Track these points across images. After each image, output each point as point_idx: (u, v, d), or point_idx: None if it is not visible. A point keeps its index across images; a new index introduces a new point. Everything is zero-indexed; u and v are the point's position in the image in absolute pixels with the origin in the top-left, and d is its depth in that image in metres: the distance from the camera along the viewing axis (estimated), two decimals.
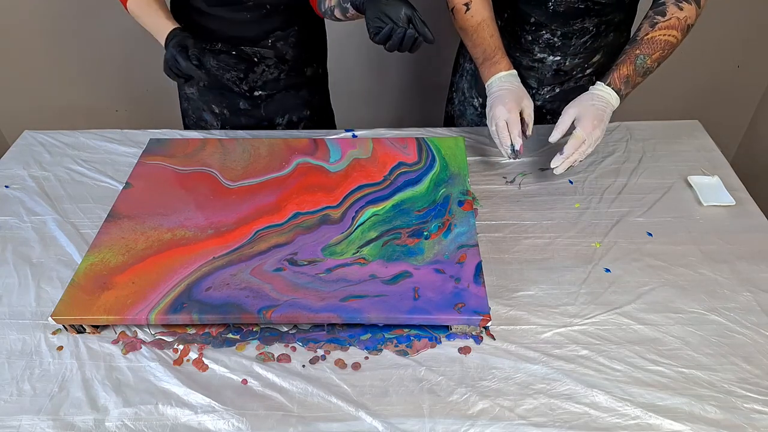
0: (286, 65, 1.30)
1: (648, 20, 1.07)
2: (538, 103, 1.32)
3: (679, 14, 1.05)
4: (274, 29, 1.24)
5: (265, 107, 1.36)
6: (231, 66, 1.27)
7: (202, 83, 1.33)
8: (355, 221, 1.01)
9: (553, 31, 1.19)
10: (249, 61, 1.27)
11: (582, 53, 1.22)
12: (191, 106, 1.39)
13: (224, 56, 1.26)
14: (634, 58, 1.05)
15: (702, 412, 0.77)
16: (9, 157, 1.25)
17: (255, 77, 1.30)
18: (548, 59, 1.24)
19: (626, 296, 0.92)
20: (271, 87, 1.33)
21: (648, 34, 1.05)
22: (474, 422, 0.76)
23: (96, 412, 0.79)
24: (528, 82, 1.29)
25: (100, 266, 0.93)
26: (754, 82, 2.05)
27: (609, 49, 1.24)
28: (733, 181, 1.13)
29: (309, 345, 0.87)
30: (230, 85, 1.31)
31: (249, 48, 1.25)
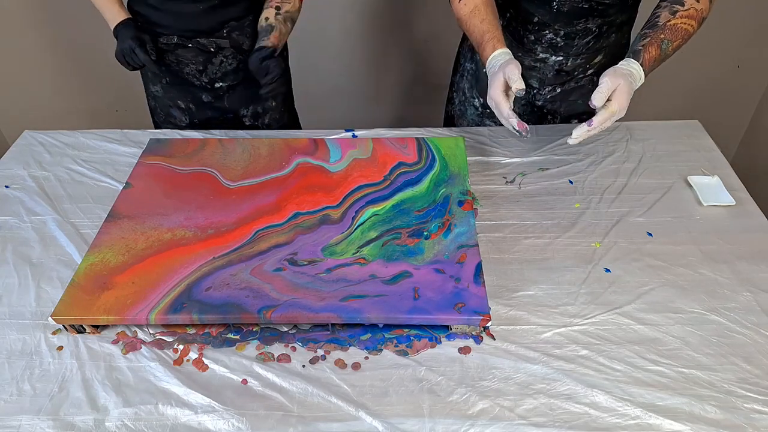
0: (243, 55, 1.32)
1: (667, 8, 1.06)
2: (539, 103, 1.32)
3: (697, 6, 1.06)
4: (229, 19, 1.26)
5: (228, 99, 1.38)
6: (189, 59, 1.29)
7: (165, 80, 1.34)
8: (355, 221, 1.01)
9: (556, 31, 1.19)
10: (206, 52, 1.28)
11: (584, 53, 1.22)
12: (158, 103, 1.40)
13: (181, 50, 1.28)
14: (660, 42, 1.04)
15: (702, 412, 0.77)
16: (9, 157, 1.25)
17: (214, 69, 1.31)
18: (550, 59, 1.24)
19: (626, 296, 0.92)
20: (231, 78, 1.34)
21: (669, 21, 1.05)
22: (474, 422, 0.76)
23: (96, 412, 0.79)
24: (529, 82, 1.28)
25: (100, 266, 0.93)
26: (754, 82, 2.05)
27: (611, 50, 1.24)
28: (733, 181, 1.13)
29: (309, 345, 0.87)
30: (191, 79, 1.33)
31: (205, 39, 1.27)
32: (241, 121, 1.42)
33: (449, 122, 1.47)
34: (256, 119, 1.43)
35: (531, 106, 1.34)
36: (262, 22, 1.23)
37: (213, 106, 1.38)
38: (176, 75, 1.33)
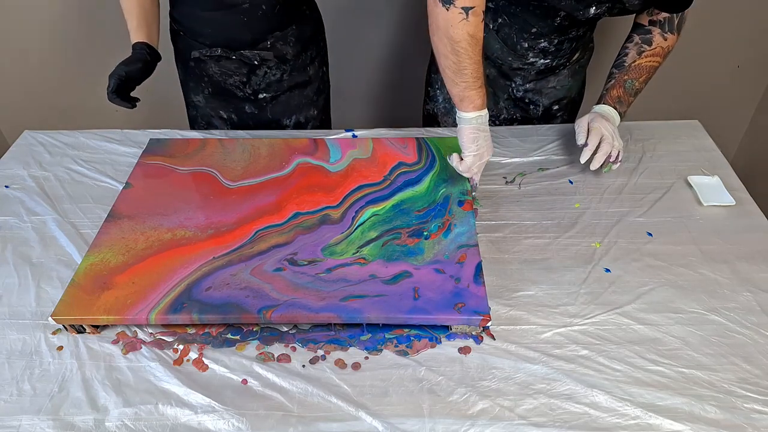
0: (287, 65, 1.30)
1: (635, 47, 1.14)
2: (519, 94, 1.33)
3: (663, 44, 1.13)
4: (272, 30, 1.24)
5: (271, 109, 1.36)
6: (233, 71, 1.27)
7: (207, 90, 1.33)
8: (355, 221, 1.01)
9: (551, 39, 1.20)
10: (250, 64, 1.27)
11: (567, 54, 1.25)
12: (199, 113, 1.38)
13: (225, 61, 1.26)
14: (622, 83, 1.14)
15: (702, 412, 0.77)
16: (9, 157, 1.25)
17: (258, 80, 1.30)
18: (539, 62, 1.25)
19: (626, 296, 0.92)
20: (275, 88, 1.33)
21: (635, 61, 1.14)
22: (474, 422, 0.76)
23: (96, 412, 0.79)
24: (513, 80, 1.31)
25: (100, 266, 0.93)
26: (754, 82, 2.05)
27: (587, 43, 1.30)
28: (733, 181, 1.13)
29: (309, 345, 0.87)
30: (234, 90, 1.31)
31: (249, 51, 1.25)
32: (283, 129, 1.40)
33: (431, 121, 1.46)
34: (298, 128, 1.41)
35: (512, 99, 1.35)
36: None
37: (255, 117, 1.37)
38: (218, 86, 1.31)
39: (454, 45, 0.93)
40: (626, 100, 1.14)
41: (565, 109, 1.38)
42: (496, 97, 1.34)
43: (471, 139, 1.00)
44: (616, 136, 1.10)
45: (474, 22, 0.91)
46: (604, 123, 1.10)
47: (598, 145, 1.09)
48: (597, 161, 1.08)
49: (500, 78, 1.31)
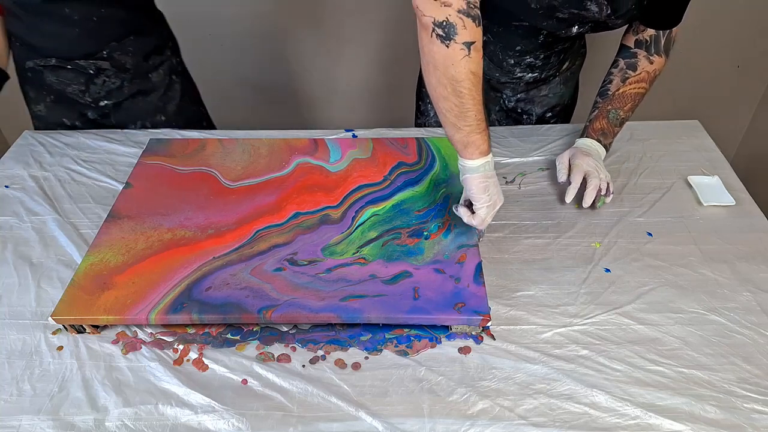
0: (128, 74, 1.29)
1: (619, 74, 1.11)
2: (510, 105, 1.33)
3: (649, 68, 1.09)
4: (108, 41, 1.22)
5: (115, 116, 1.34)
6: (70, 80, 1.25)
7: (49, 98, 1.30)
8: (355, 221, 1.01)
9: (537, 55, 1.21)
10: (86, 74, 1.25)
11: (556, 65, 1.25)
12: (42, 123, 1.36)
13: (61, 71, 1.24)
14: (606, 113, 1.11)
15: (702, 412, 0.77)
16: (9, 157, 1.25)
17: (96, 89, 1.28)
18: (527, 76, 1.26)
19: (626, 296, 0.92)
20: (116, 96, 1.30)
21: (619, 89, 1.10)
22: (474, 422, 0.76)
23: (96, 412, 0.79)
24: (502, 92, 1.31)
25: (100, 266, 0.93)
26: (754, 82, 2.05)
27: (576, 52, 1.28)
28: (733, 181, 1.13)
29: (309, 346, 0.87)
30: (75, 98, 1.29)
31: (84, 61, 1.23)
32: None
33: None
34: None
35: (504, 110, 1.35)
36: None
37: (100, 124, 1.34)
38: (59, 94, 1.29)
39: (455, 85, 0.83)
40: (611, 132, 1.11)
41: (559, 115, 1.37)
42: (487, 109, 1.33)
43: (481, 189, 0.89)
44: (602, 169, 1.07)
45: (476, 58, 0.83)
46: (586, 159, 1.06)
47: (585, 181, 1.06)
48: (589, 197, 1.04)
49: (490, 91, 1.31)
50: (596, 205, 1.06)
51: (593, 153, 1.09)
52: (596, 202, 1.06)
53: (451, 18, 0.79)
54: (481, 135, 0.88)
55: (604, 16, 1.05)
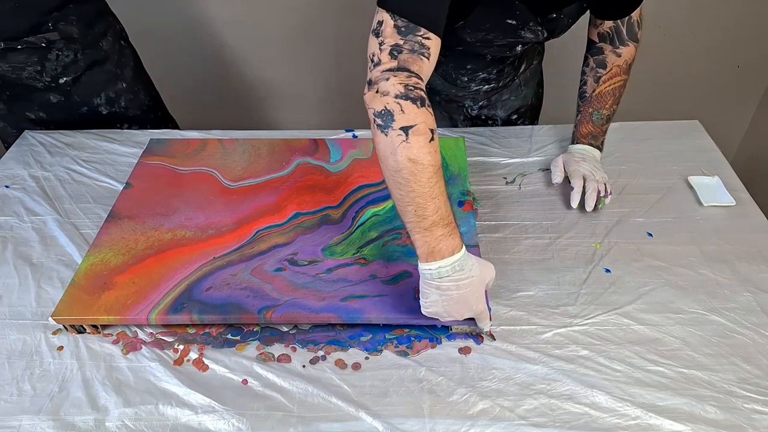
0: (77, 44, 1.27)
1: (591, 74, 1.10)
2: (474, 113, 1.33)
3: (619, 61, 1.08)
4: (50, 11, 1.21)
5: (77, 92, 1.32)
6: (23, 62, 1.23)
7: (5, 94, 1.28)
8: (356, 221, 1.01)
9: (489, 71, 1.21)
10: (38, 49, 1.23)
11: (512, 73, 1.25)
12: (7, 122, 1.34)
13: (11, 54, 1.22)
14: (589, 116, 1.11)
15: (702, 412, 0.77)
16: (9, 157, 1.25)
17: (52, 65, 1.25)
18: (483, 88, 1.26)
19: (626, 296, 0.92)
20: (72, 70, 1.29)
21: (595, 90, 1.10)
22: (474, 422, 0.76)
23: (96, 412, 0.79)
24: (463, 103, 1.31)
25: (100, 266, 0.93)
26: (754, 82, 2.05)
27: (531, 53, 1.27)
28: (733, 181, 1.13)
29: (309, 346, 0.86)
30: (33, 83, 1.27)
31: (33, 37, 1.21)
32: (97, 111, 1.35)
33: None
34: (112, 105, 1.37)
35: (469, 119, 1.35)
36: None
37: (64, 105, 1.32)
38: (15, 85, 1.27)
39: (395, 176, 0.75)
40: (599, 132, 1.11)
41: (525, 116, 1.37)
42: (453, 120, 1.34)
43: (424, 294, 0.79)
44: (598, 171, 1.07)
45: (417, 143, 0.73)
46: (581, 163, 1.08)
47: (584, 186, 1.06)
48: (591, 201, 1.05)
49: (451, 103, 1.31)
50: (597, 208, 1.06)
51: (587, 157, 1.10)
52: (597, 204, 1.06)
53: (388, 105, 0.74)
54: (421, 235, 0.75)
55: (543, 39, 1.05)
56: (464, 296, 0.77)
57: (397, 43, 0.76)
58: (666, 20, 1.86)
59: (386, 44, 0.77)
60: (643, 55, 1.91)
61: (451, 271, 0.75)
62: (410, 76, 0.76)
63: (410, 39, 0.76)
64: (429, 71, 0.79)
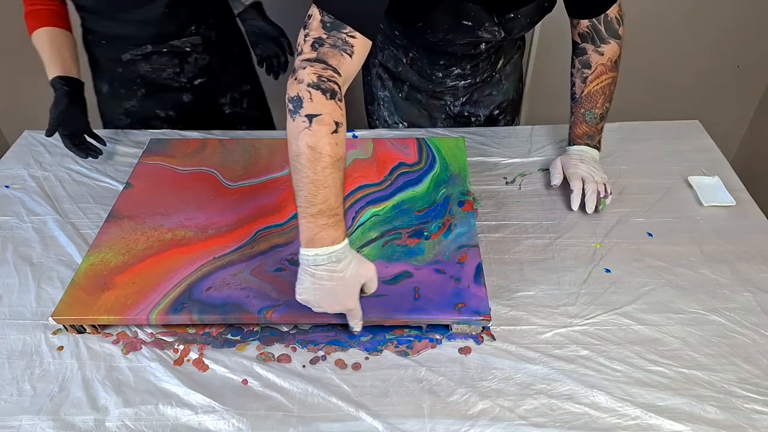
0: (213, 47, 1.32)
1: (578, 75, 1.11)
2: (456, 110, 1.33)
3: (602, 59, 1.08)
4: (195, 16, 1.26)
5: (208, 92, 1.38)
6: (165, 64, 1.29)
7: (140, 92, 1.32)
8: (356, 221, 1.01)
9: (463, 66, 1.22)
10: (181, 53, 1.28)
11: (489, 68, 1.26)
12: (135, 119, 1.37)
13: (156, 57, 1.27)
14: (582, 117, 1.11)
15: (702, 412, 0.77)
16: (9, 157, 1.25)
17: (190, 68, 1.31)
18: (460, 84, 1.26)
19: (626, 296, 0.92)
20: (208, 72, 1.35)
21: (584, 90, 1.10)
22: (474, 422, 0.76)
23: (96, 412, 0.79)
24: (443, 99, 1.31)
25: (100, 266, 0.93)
26: (754, 82, 2.05)
27: (509, 48, 1.28)
28: (733, 181, 1.13)
29: (309, 346, 0.86)
30: (170, 83, 1.32)
31: (178, 41, 1.26)
32: (221, 110, 1.42)
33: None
34: (235, 105, 1.44)
35: (451, 117, 1.35)
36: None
37: (194, 105, 1.38)
38: (153, 83, 1.31)
39: (294, 161, 0.77)
40: (594, 131, 1.11)
41: (506, 111, 1.37)
42: (433, 118, 1.34)
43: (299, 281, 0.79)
44: (597, 172, 1.08)
45: (318, 132, 0.76)
46: (579, 165, 1.08)
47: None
48: (591, 203, 1.05)
49: (431, 99, 1.31)
50: (598, 209, 1.06)
51: (585, 157, 1.10)
52: (598, 205, 1.06)
53: (300, 93, 0.77)
54: (306, 220, 0.76)
55: (501, 38, 1.06)
56: (335, 289, 0.78)
57: (320, 36, 0.79)
58: (666, 20, 1.86)
59: (310, 36, 0.79)
60: (643, 55, 1.92)
61: (326, 260, 0.76)
62: (326, 68, 0.79)
63: (334, 35, 0.79)
64: (351, 68, 0.81)
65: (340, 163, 0.78)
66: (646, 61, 1.95)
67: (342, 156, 0.78)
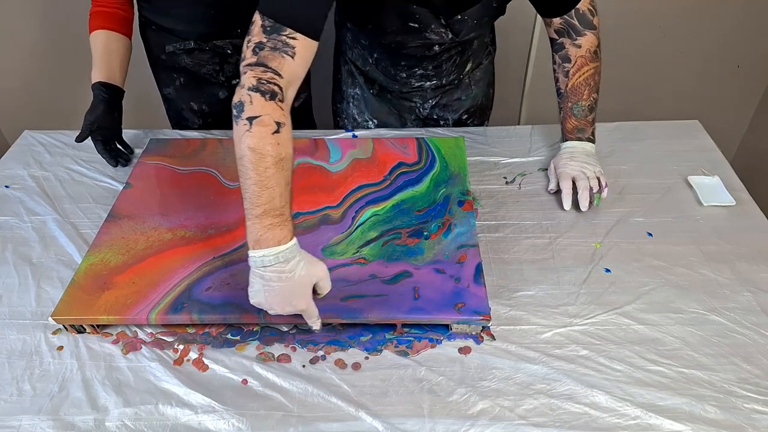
0: None
1: (560, 70, 1.11)
2: (425, 113, 1.33)
3: (581, 52, 1.07)
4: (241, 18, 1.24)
5: None
6: (206, 61, 1.30)
7: (179, 81, 1.35)
8: (355, 221, 1.01)
9: (425, 66, 1.21)
10: (222, 53, 1.30)
11: (455, 70, 1.25)
12: (171, 106, 1.41)
13: (198, 53, 1.29)
14: (570, 111, 1.11)
15: (702, 412, 0.77)
16: (9, 157, 1.25)
17: (230, 68, 1.33)
18: (426, 84, 1.26)
19: (626, 296, 0.92)
20: None
21: (567, 84, 1.10)
22: (474, 422, 0.76)
23: (96, 412, 0.79)
24: (413, 100, 1.31)
25: (100, 266, 0.93)
26: (754, 82, 2.05)
27: (478, 52, 1.27)
28: (733, 181, 1.13)
29: (308, 347, 0.86)
30: (207, 77, 1.34)
31: (221, 41, 1.28)
32: None
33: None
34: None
35: (420, 119, 1.34)
36: None
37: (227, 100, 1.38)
38: (192, 75, 1.33)
39: (238, 164, 0.79)
40: (585, 124, 1.11)
41: (475, 116, 1.37)
42: (402, 119, 1.34)
43: (250, 284, 0.80)
44: (589, 166, 1.07)
45: (258, 133, 0.77)
46: (569, 163, 1.08)
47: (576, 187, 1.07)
48: (584, 201, 1.05)
49: (400, 100, 1.31)
50: (593, 204, 1.06)
51: (576, 153, 1.09)
52: (592, 201, 1.06)
53: (242, 97, 0.79)
54: (252, 222, 0.77)
55: (449, 40, 1.06)
56: (287, 290, 0.78)
57: (261, 41, 0.81)
58: (666, 20, 1.86)
59: (252, 42, 0.81)
60: (643, 55, 1.92)
61: (274, 261, 0.76)
62: (266, 71, 0.80)
63: (274, 38, 0.80)
64: (293, 69, 0.82)
65: (285, 163, 0.78)
66: (646, 61, 1.95)
67: (286, 156, 0.79)
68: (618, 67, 1.94)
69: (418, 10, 1.00)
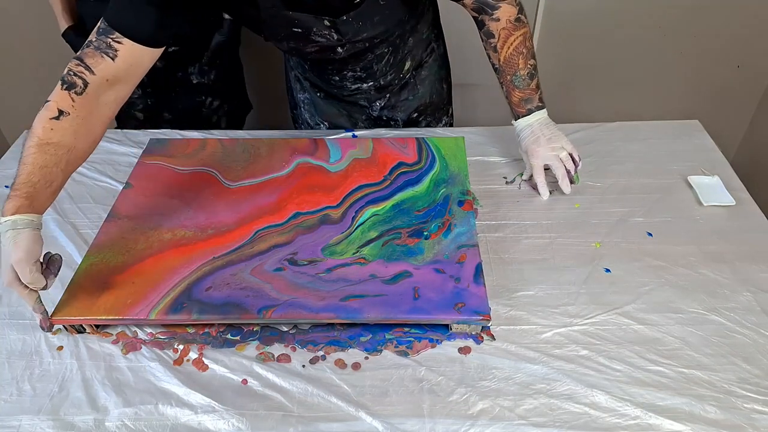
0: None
1: (488, 47, 1.08)
2: (375, 114, 1.32)
3: (501, 24, 1.05)
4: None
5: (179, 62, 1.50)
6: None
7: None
8: (355, 221, 1.01)
9: (353, 68, 1.21)
10: None
11: (391, 70, 1.24)
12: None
13: None
14: (510, 84, 1.08)
15: (702, 412, 0.77)
16: (9, 157, 1.25)
17: None
18: (363, 86, 1.25)
19: (626, 296, 0.92)
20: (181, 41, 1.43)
21: (500, 60, 1.07)
22: (474, 422, 0.76)
23: (96, 412, 0.79)
24: (359, 103, 1.30)
25: (100, 266, 0.93)
26: (754, 82, 2.05)
27: (416, 50, 1.25)
28: (733, 181, 1.13)
29: (308, 347, 0.86)
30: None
31: None
32: (189, 80, 1.51)
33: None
34: (202, 76, 1.53)
35: (371, 119, 1.34)
36: None
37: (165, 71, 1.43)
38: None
39: None
40: (531, 92, 1.08)
41: (426, 114, 1.35)
42: (353, 119, 1.34)
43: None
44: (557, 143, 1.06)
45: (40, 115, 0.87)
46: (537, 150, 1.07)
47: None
48: (565, 186, 1.07)
49: (347, 102, 1.31)
50: (573, 183, 1.07)
51: (536, 130, 1.08)
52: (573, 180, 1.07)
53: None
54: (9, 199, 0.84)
55: (336, 42, 1.06)
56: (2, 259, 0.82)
57: (91, 39, 0.89)
58: (666, 20, 1.86)
59: (88, 40, 0.89)
60: (643, 55, 1.92)
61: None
62: (79, 65, 0.88)
63: (101, 38, 0.88)
64: (112, 69, 0.89)
65: (49, 147, 0.85)
66: (646, 61, 1.95)
67: (56, 143, 0.85)
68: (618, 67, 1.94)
69: (298, 15, 1.00)
